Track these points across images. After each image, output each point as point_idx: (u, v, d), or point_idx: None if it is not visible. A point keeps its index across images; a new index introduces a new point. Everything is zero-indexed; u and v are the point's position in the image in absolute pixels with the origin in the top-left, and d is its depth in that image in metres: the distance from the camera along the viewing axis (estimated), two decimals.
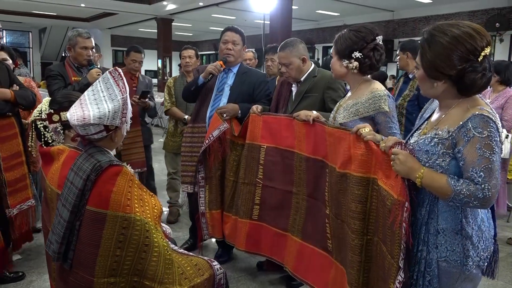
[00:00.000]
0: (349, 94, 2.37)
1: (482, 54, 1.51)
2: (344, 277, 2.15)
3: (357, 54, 2.21)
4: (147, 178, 4.33)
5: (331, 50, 2.35)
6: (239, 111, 3.07)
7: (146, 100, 3.89)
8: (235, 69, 3.27)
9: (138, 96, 3.83)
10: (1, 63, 3.01)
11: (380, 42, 2.26)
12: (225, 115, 3.02)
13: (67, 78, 3.42)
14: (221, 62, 3.13)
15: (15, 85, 2.94)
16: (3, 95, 2.80)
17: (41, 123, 2.02)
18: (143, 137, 4.11)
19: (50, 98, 2.07)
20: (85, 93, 1.71)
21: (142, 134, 4.08)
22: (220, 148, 3.03)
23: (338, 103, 2.43)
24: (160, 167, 5.00)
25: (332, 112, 2.43)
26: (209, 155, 3.04)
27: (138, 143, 4.06)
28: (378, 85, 2.26)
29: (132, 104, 3.83)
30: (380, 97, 2.17)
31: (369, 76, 2.37)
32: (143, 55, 4.26)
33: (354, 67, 2.23)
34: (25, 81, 3.61)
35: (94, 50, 3.56)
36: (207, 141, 3.01)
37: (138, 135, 4.05)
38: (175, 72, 16.49)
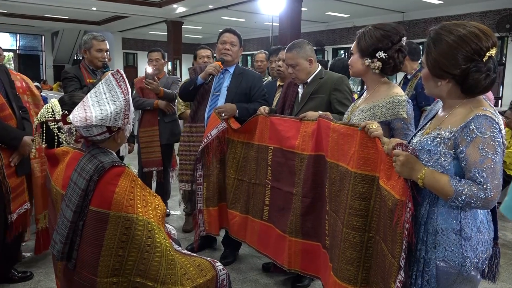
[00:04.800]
0: (365, 94, 2.31)
1: (487, 54, 1.49)
2: (331, 275, 2.18)
3: (381, 54, 2.11)
4: (162, 180, 4.37)
5: (352, 46, 2.24)
6: (237, 111, 3.13)
7: (154, 81, 3.90)
8: (231, 70, 3.32)
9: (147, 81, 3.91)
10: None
11: (404, 43, 2.17)
12: (223, 114, 3.08)
13: (82, 80, 3.52)
14: (219, 63, 3.17)
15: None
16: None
17: (54, 124, 2.03)
18: (162, 136, 4.20)
19: (55, 100, 2.08)
20: (88, 95, 1.73)
21: (159, 133, 4.18)
22: (219, 147, 3.09)
23: (353, 104, 2.39)
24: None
25: (346, 113, 2.40)
26: (207, 154, 3.10)
27: (155, 142, 4.19)
28: (398, 90, 2.17)
29: (146, 87, 3.91)
30: (400, 103, 2.09)
31: None
32: (160, 54, 4.36)
33: (376, 67, 2.15)
34: (11, 73, 3.53)
35: (108, 52, 3.62)
36: (205, 140, 3.07)
37: (156, 134, 4.18)
38: (185, 74, 16.57)
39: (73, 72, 3.51)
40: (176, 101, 4.27)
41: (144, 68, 4.14)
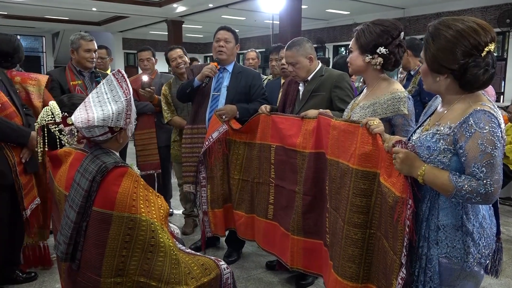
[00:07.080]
0: (365, 91, 2.31)
1: (486, 49, 1.50)
2: (331, 273, 2.18)
3: (382, 49, 2.10)
4: (163, 180, 4.34)
5: (351, 44, 2.23)
6: (237, 112, 3.12)
7: (150, 89, 3.87)
8: (230, 69, 3.31)
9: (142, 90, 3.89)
10: None
11: (402, 38, 2.16)
12: (224, 116, 3.07)
13: (64, 84, 3.45)
14: (215, 64, 3.16)
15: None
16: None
17: (55, 127, 2.03)
18: (161, 138, 4.13)
19: (54, 102, 2.09)
20: (90, 95, 1.74)
21: (157, 135, 4.12)
22: (220, 149, 3.08)
23: (353, 101, 2.38)
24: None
25: (346, 110, 2.40)
26: (209, 156, 3.09)
27: (152, 144, 4.13)
28: (398, 86, 2.17)
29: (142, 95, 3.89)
30: (400, 99, 2.09)
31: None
32: (150, 52, 4.29)
33: (377, 63, 2.14)
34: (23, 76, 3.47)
35: (97, 53, 3.60)
36: (207, 143, 3.07)
37: (153, 136, 4.12)
38: None
39: (55, 76, 3.45)
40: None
41: (141, 75, 4.10)
